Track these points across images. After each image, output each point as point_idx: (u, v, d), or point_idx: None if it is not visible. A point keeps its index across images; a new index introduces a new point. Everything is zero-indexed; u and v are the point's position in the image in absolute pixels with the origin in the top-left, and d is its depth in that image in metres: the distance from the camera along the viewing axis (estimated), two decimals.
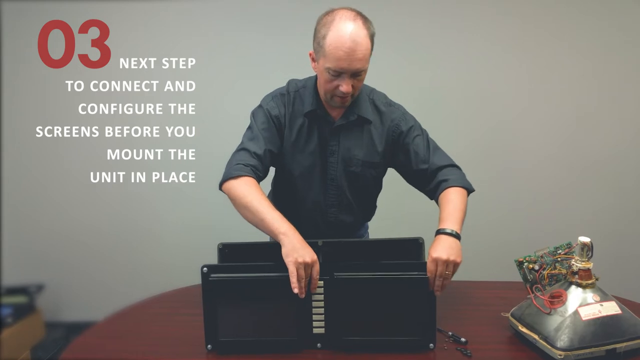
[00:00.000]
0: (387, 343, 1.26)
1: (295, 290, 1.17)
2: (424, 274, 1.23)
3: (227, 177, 1.34)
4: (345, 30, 1.26)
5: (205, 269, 1.25)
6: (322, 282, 1.25)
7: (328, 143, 1.46)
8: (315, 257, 1.19)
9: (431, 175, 1.46)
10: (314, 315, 1.26)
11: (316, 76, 1.44)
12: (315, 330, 1.27)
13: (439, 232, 1.29)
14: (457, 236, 1.28)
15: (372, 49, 1.33)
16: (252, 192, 1.29)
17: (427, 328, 1.26)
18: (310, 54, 1.38)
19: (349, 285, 1.25)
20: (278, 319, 1.27)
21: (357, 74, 1.32)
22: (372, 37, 1.32)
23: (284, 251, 1.20)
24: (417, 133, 1.47)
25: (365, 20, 1.32)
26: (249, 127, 1.47)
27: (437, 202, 1.43)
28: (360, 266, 1.26)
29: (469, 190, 1.44)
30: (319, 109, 1.44)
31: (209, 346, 1.27)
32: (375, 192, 1.62)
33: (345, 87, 1.32)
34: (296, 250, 1.18)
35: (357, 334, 1.26)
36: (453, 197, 1.38)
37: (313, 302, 1.26)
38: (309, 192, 1.51)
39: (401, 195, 2.12)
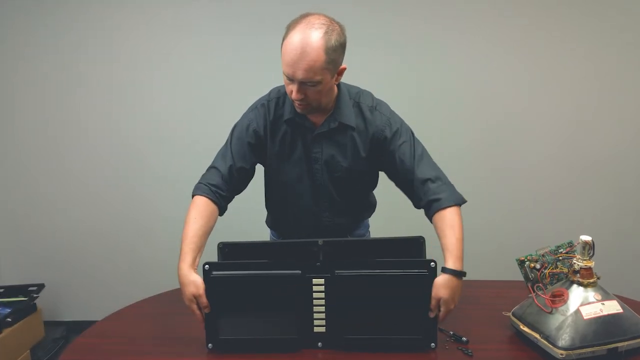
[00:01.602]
0: (388, 342, 1.26)
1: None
2: (424, 271, 1.23)
3: (192, 194, 1.42)
4: (297, 38, 1.22)
5: (206, 266, 1.25)
6: (323, 279, 1.24)
7: (311, 150, 1.45)
8: (196, 292, 1.24)
9: (417, 187, 1.41)
10: (314, 314, 1.26)
11: None
12: (316, 329, 1.26)
13: (446, 270, 1.25)
14: (462, 275, 1.26)
15: (330, 62, 1.25)
16: (191, 214, 1.36)
17: (428, 327, 1.25)
18: None
19: (350, 283, 1.24)
20: (279, 317, 1.26)
21: (307, 84, 1.27)
22: (330, 50, 1.24)
23: None
24: (403, 139, 1.42)
25: (330, 31, 1.24)
26: (225, 143, 1.49)
27: (430, 220, 1.39)
28: (360, 264, 1.25)
29: (461, 204, 1.39)
30: (297, 117, 1.41)
31: (209, 345, 1.26)
32: (366, 193, 1.60)
33: (294, 94, 1.29)
34: (182, 289, 1.28)
35: (358, 332, 1.25)
36: (452, 222, 1.32)
37: (314, 301, 1.25)
38: (300, 198, 1.51)
39: (402, 194, 2.12)
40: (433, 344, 1.25)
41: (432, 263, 1.23)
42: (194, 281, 1.25)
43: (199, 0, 2.50)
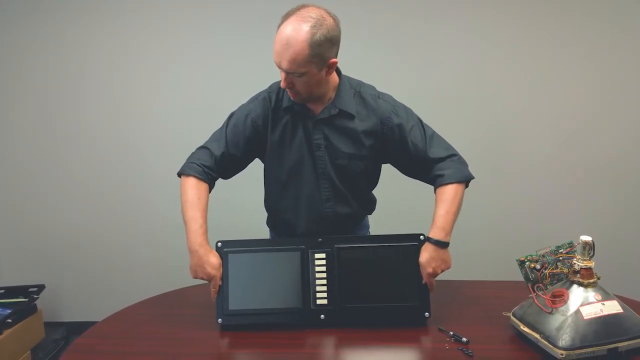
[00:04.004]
0: (386, 310, 1.34)
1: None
2: (415, 243, 1.37)
3: (181, 172, 1.48)
4: (286, 30, 1.26)
5: (219, 243, 1.37)
6: (324, 254, 1.37)
7: (313, 137, 1.47)
8: (213, 272, 1.35)
9: (431, 167, 1.46)
10: (317, 287, 1.35)
11: None
12: (318, 302, 1.34)
13: (429, 239, 1.37)
14: (443, 244, 1.36)
15: (315, 56, 1.27)
16: (190, 195, 1.42)
17: (423, 296, 1.34)
18: None
19: (349, 256, 1.37)
20: (284, 290, 1.35)
21: (293, 74, 1.31)
22: (314, 44, 1.26)
23: (189, 266, 1.38)
24: (412, 124, 1.46)
25: (318, 25, 1.26)
26: (221, 127, 1.53)
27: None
28: (358, 239, 1.42)
29: (467, 181, 1.44)
30: (296, 105, 1.44)
31: (219, 320, 1.34)
32: (369, 185, 1.61)
33: (282, 82, 1.35)
34: (195, 270, 1.37)
35: (358, 301, 1.34)
36: (446, 196, 1.40)
37: (316, 274, 1.35)
38: (302, 187, 1.52)
39: (405, 192, 2.12)
40: (427, 313, 1.34)
41: (422, 236, 1.38)
42: (216, 254, 1.37)
43: (200, 2, 2.50)
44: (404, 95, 1.56)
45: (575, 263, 1.23)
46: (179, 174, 1.48)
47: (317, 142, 1.46)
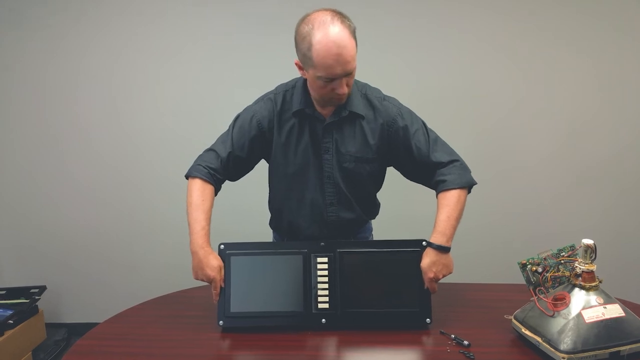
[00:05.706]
0: (387, 315, 1.34)
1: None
2: (417, 249, 1.37)
3: (187, 174, 1.49)
4: (329, 38, 1.25)
5: (222, 246, 1.38)
6: (326, 258, 1.37)
7: (321, 140, 1.47)
8: (212, 274, 1.34)
9: (433, 172, 1.46)
10: (318, 291, 1.35)
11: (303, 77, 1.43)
12: (320, 305, 1.34)
13: (430, 244, 1.37)
14: (444, 249, 1.36)
15: (356, 45, 1.32)
16: (194, 197, 1.43)
17: (424, 302, 1.34)
18: (296, 63, 1.37)
19: (351, 261, 1.37)
20: (286, 293, 1.35)
21: (350, 73, 1.33)
22: (353, 33, 1.30)
23: (191, 267, 1.39)
24: (416, 127, 1.46)
25: (343, 19, 1.29)
26: (227, 129, 1.53)
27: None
28: (360, 244, 1.43)
29: (469, 186, 1.44)
30: (307, 108, 1.44)
31: (220, 322, 1.34)
32: (374, 189, 1.61)
33: (341, 89, 1.33)
34: (196, 271, 1.38)
35: (359, 306, 1.34)
36: (448, 202, 1.40)
37: (318, 278, 1.35)
38: (305, 190, 1.52)
39: (408, 196, 2.12)
40: (428, 319, 1.34)
41: (424, 242, 1.38)
42: (217, 256, 1.37)
43: (202, 2, 2.50)
44: (404, 96, 1.57)
45: (577, 266, 1.23)
46: (186, 176, 1.49)
47: (326, 146, 1.47)
